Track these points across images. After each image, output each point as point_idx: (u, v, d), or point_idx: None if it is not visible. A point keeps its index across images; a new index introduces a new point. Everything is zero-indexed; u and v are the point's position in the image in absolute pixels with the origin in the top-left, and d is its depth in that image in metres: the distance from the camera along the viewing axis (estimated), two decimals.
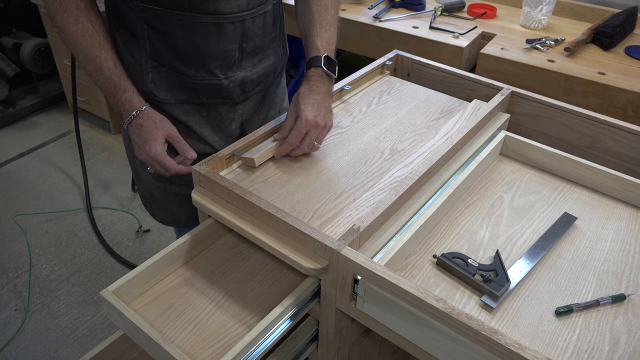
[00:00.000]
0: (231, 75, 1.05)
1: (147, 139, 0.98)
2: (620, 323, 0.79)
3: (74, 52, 0.95)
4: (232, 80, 1.05)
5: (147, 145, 0.98)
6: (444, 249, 0.90)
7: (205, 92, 1.05)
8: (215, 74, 1.03)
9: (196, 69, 1.02)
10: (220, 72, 1.03)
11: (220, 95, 1.06)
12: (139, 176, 1.22)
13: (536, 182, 1.07)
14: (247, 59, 1.06)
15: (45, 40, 2.80)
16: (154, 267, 0.90)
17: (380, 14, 1.85)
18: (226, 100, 1.08)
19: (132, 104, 0.98)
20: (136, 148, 1.00)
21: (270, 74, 1.14)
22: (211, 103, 1.07)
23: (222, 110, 1.10)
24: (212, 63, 1.02)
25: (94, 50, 0.94)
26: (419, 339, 0.77)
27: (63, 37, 0.94)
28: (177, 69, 1.02)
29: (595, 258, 0.90)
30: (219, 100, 1.08)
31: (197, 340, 0.83)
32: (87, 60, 0.95)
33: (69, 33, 0.92)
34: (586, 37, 1.65)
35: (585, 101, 1.49)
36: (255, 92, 1.12)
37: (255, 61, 1.08)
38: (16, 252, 2.10)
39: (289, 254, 0.83)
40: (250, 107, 1.14)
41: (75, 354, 1.71)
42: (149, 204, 1.27)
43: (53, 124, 2.92)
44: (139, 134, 0.98)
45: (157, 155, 0.98)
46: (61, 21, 0.92)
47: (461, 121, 1.12)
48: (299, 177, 0.99)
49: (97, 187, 2.46)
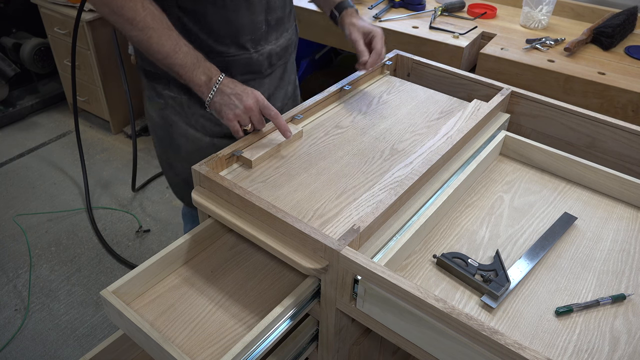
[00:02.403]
0: (260, 49, 1.12)
1: (246, 89, 1.00)
2: (620, 323, 0.79)
3: (147, 38, 0.94)
4: (261, 54, 1.13)
5: (248, 92, 1.00)
6: (444, 249, 0.90)
7: (237, 68, 1.11)
8: (246, 48, 1.10)
9: (228, 45, 1.08)
10: (251, 45, 1.10)
11: (251, 69, 1.13)
12: (173, 167, 1.26)
13: (536, 182, 1.07)
14: (271, 32, 1.14)
15: (45, 40, 2.80)
16: (154, 267, 0.90)
17: (380, 14, 1.85)
18: (256, 74, 1.15)
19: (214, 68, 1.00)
20: (234, 101, 0.99)
21: (289, 47, 1.22)
22: (243, 79, 1.11)
23: (252, 85, 1.12)
24: (243, 37, 1.08)
25: (167, 30, 0.96)
26: (419, 339, 0.77)
27: (133, 27, 0.93)
28: (211, 48, 1.07)
29: (595, 258, 0.90)
30: (250, 75, 1.14)
31: (197, 340, 0.83)
32: (162, 41, 0.95)
33: (139, 20, 0.93)
34: (586, 37, 1.65)
35: (585, 101, 1.49)
36: (278, 65, 1.20)
37: (278, 34, 1.16)
38: (16, 252, 2.10)
39: (289, 254, 0.83)
40: (274, 80, 1.22)
41: (75, 354, 1.71)
42: (185, 192, 1.29)
43: (53, 124, 2.92)
44: (235, 85, 1.00)
45: (263, 99, 1.01)
46: (129, 11, 0.92)
47: (461, 121, 1.12)
48: (299, 177, 0.99)
49: (97, 187, 2.46)
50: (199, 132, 1.17)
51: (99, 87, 2.64)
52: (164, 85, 1.13)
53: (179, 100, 1.14)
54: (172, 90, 1.13)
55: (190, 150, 1.19)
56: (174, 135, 1.18)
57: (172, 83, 1.11)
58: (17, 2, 2.82)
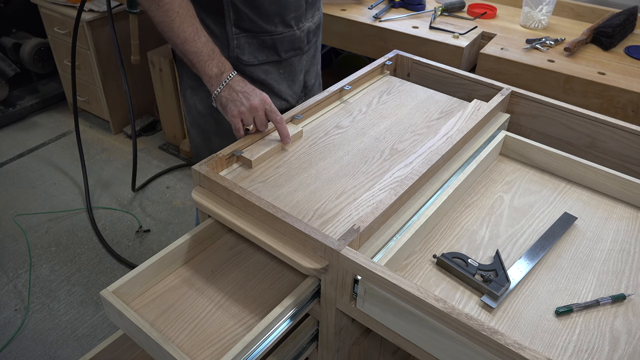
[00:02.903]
0: (301, 26, 1.20)
1: (255, 89, 1.04)
2: (620, 323, 0.79)
3: (170, 21, 0.98)
4: (302, 30, 1.21)
5: (256, 93, 1.03)
6: (444, 249, 0.90)
7: (283, 45, 1.18)
8: (291, 25, 1.17)
9: (276, 24, 1.15)
10: (294, 23, 1.18)
11: (294, 46, 1.21)
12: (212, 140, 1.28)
13: (536, 182, 1.07)
14: (309, 9, 1.21)
15: (45, 40, 2.80)
16: (154, 267, 0.90)
17: (380, 14, 1.85)
18: (297, 51, 1.22)
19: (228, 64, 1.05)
20: (241, 98, 1.02)
21: (319, 25, 1.29)
22: (287, 57, 1.21)
23: (294, 62, 1.24)
24: (289, 14, 1.15)
25: (190, 17, 1.00)
26: (419, 339, 0.77)
27: (159, 7, 0.97)
28: (261, 28, 1.14)
29: (595, 258, 0.90)
30: (292, 52, 1.21)
31: (197, 340, 0.83)
32: (184, 25, 0.99)
33: (166, 2, 0.97)
34: (586, 37, 1.65)
35: (585, 101, 1.49)
36: (313, 42, 1.28)
37: (313, 12, 1.24)
38: (16, 252, 2.10)
39: (289, 254, 0.83)
40: (310, 57, 1.29)
41: (75, 354, 1.71)
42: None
43: (53, 124, 2.92)
44: (245, 84, 1.04)
45: (270, 102, 1.04)
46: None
47: (461, 121, 1.12)
48: (299, 177, 0.99)
49: (97, 187, 2.46)
50: None
51: (99, 87, 2.64)
52: None
53: None
54: None
55: None
56: (221, 120, 1.19)
57: None
58: (17, 2, 2.82)
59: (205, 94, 1.21)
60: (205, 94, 1.21)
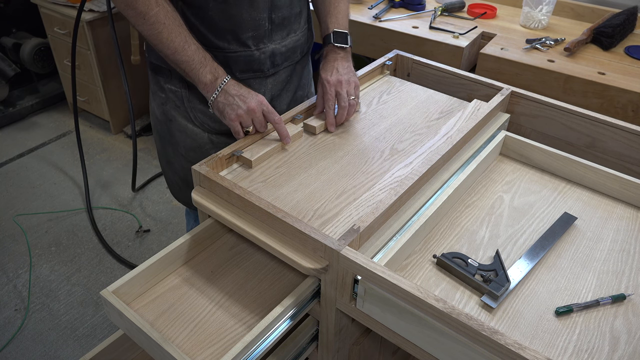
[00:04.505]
0: (262, 47, 1.11)
1: (250, 92, 1.02)
2: (620, 323, 0.79)
3: (157, 33, 0.98)
4: (263, 52, 1.12)
5: (252, 95, 1.02)
6: (444, 249, 0.90)
7: (238, 65, 1.11)
8: (247, 45, 1.09)
9: (229, 41, 1.08)
10: (252, 43, 1.10)
11: (252, 67, 1.13)
12: (172, 165, 1.26)
13: (536, 182, 1.07)
14: (276, 31, 1.12)
15: (45, 40, 2.80)
16: (154, 267, 0.90)
17: (380, 14, 1.85)
18: (257, 73, 1.14)
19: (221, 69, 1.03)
20: (237, 102, 1.01)
21: (297, 49, 1.20)
22: (243, 77, 1.12)
23: (253, 85, 1.15)
24: (245, 33, 1.08)
25: (177, 27, 0.99)
26: (419, 339, 0.77)
27: (145, 21, 0.97)
28: (211, 43, 1.07)
29: (595, 258, 0.90)
30: (251, 74, 1.13)
31: (197, 340, 0.83)
32: (172, 36, 0.98)
33: (152, 15, 0.96)
34: (586, 37, 1.65)
35: (585, 101, 1.49)
36: (283, 66, 1.18)
37: (284, 34, 1.14)
38: (16, 252, 2.10)
39: (289, 254, 0.83)
40: (279, 82, 1.20)
41: (75, 354, 1.71)
42: (182, 192, 1.30)
43: (53, 124, 2.92)
44: (240, 87, 1.02)
45: (267, 104, 1.02)
46: (142, 6, 0.95)
47: (461, 121, 1.12)
48: (299, 177, 0.99)
49: (97, 187, 2.46)
50: (197, 127, 1.18)
51: (99, 87, 2.64)
52: (166, 78, 1.14)
53: (180, 94, 1.14)
54: (173, 84, 1.14)
55: (189, 146, 1.19)
56: (173, 131, 1.19)
57: (174, 76, 1.12)
58: (17, 2, 2.82)
59: (160, 100, 1.18)
60: (160, 101, 1.18)
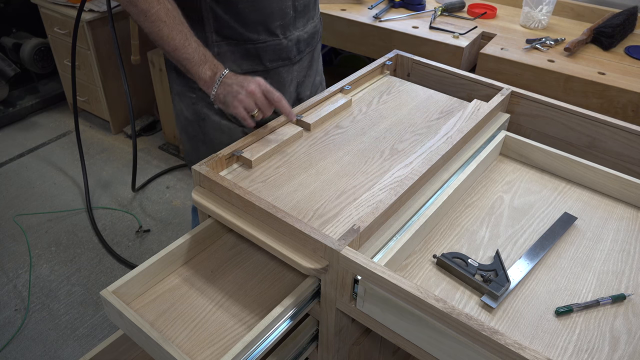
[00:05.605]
0: (289, 35, 1.17)
1: (247, 77, 1.03)
2: (620, 323, 0.79)
3: (158, 30, 0.99)
4: (290, 40, 1.17)
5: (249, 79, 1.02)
6: (444, 249, 0.90)
7: (268, 55, 1.15)
8: (276, 34, 1.14)
9: (259, 32, 1.12)
10: (280, 31, 1.14)
11: (281, 56, 1.17)
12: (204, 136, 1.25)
13: (536, 182, 1.07)
14: (299, 18, 1.17)
15: (45, 40, 2.80)
16: (154, 267, 0.90)
17: (380, 14, 1.85)
18: (285, 61, 1.19)
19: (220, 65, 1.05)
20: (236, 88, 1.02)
21: (315, 34, 1.26)
22: (273, 67, 1.18)
23: (282, 72, 1.20)
24: (273, 22, 1.12)
25: (178, 24, 1.01)
26: (419, 339, 0.77)
27: (146, 18, 0.99)
28: (242, 36, 1.11)
29: (595, 258, 0.90)
30: (280, 62, 1.18)
31: (197, 340, 0.83)
32: (172, 34, 1.00)
33: (152, 13, 0.98)
34: (586, 37, 1.65)
35: (585, 101, 1.49)
36: (306, 52, 1.24)
37: (305, 21, 1.20)
38: (16, 252, 2.10)
39: (289, 254, 0.83)
40: (303, 68, 1.26)
41: (75, 354, 1.71)
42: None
43: (53, 124, 2.92)
44: (237, 76, 1.03)
45: (265, 84, 1.03)
46: (143, 3, 0.97)
47: (461, 121, 1.12)
48: (299, 177, 0.99)
49: (97, 187, 2.46)
50: (232, 122, 1.19)
51: (99, 87, 2.64)
52: None
53: None
54: None
55: (225, 142, 1.19)
56: (206, 129, 1.20)
57: None
58: (17, 2, 2.82)
59: (190, 100, 1.19)
60: (190, 101, 1.19)
